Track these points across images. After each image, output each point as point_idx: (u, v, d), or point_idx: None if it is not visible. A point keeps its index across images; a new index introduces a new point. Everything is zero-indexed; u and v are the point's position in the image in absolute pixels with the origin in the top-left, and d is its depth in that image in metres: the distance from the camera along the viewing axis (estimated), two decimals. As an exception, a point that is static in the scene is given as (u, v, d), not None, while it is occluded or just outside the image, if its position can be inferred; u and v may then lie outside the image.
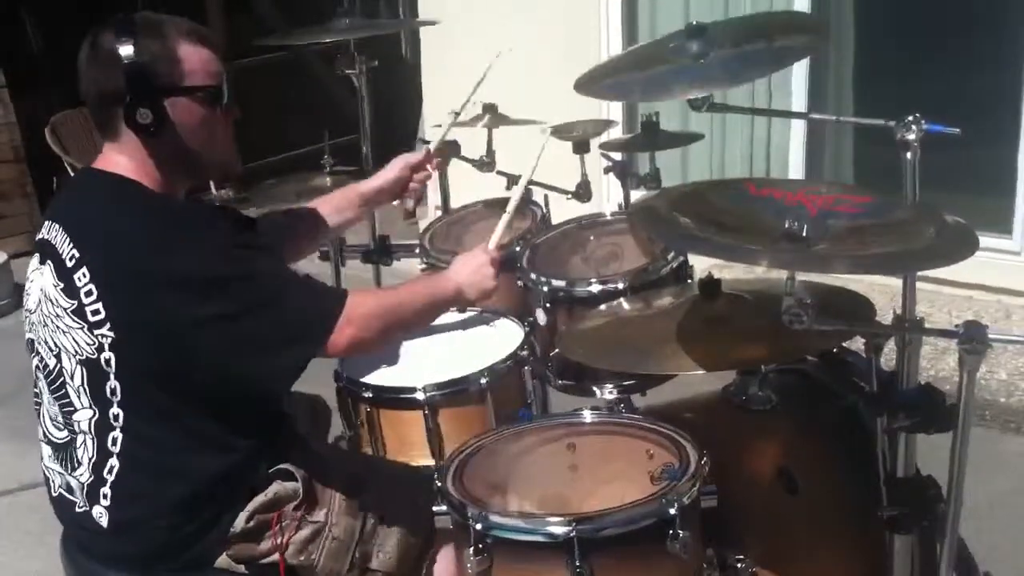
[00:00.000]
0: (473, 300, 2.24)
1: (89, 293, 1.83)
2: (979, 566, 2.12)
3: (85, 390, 1.88)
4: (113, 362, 1.84)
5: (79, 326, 1.85)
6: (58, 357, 1.90)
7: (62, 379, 1.90)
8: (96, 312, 1.83)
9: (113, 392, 1.86)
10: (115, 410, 1.87)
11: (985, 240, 1.90)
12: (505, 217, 2.38)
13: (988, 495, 3.30)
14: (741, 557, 1.91)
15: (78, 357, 1.86)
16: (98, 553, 1.97)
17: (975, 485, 1.77)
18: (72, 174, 6.21)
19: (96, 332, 1.83)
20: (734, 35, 2.19)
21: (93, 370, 1.86)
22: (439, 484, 1.86)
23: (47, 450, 2.02)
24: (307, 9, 4.22)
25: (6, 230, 6.55)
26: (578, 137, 3.06)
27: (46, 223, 1.94)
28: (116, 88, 1.86)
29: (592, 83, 2.26)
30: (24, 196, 6.81)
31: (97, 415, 1.88)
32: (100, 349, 1.84)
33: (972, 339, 1.58)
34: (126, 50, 1.85)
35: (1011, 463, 3.62)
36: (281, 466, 1.97)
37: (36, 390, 2.02)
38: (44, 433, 2.02)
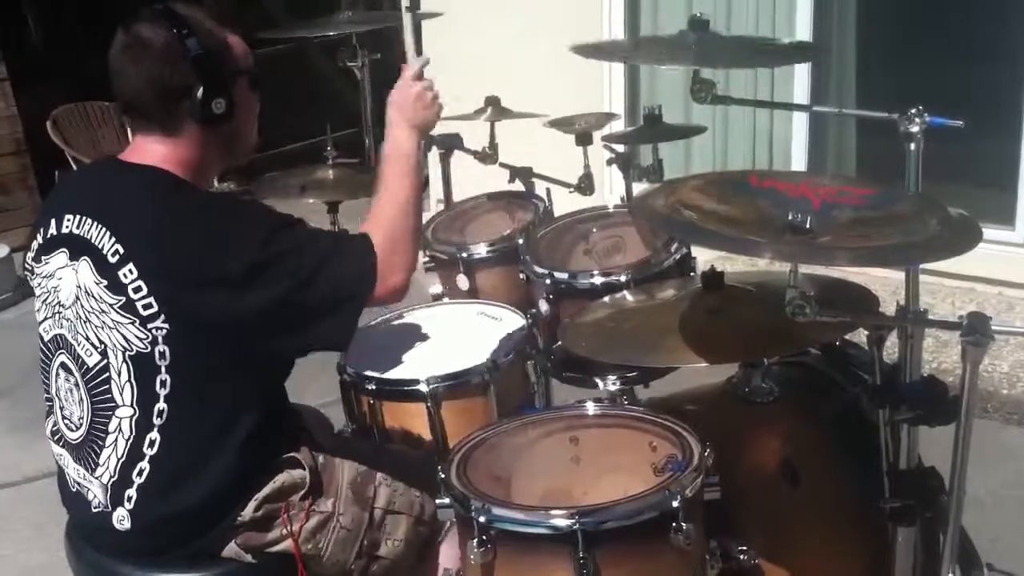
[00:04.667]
0: (428, 130, 2.10)
1: (138, 289, 1.82)
2: (981, 557, 2.13)
3: (132, 386, 1.86)
4: (168, 354, 1.82)
5: (129, 320, 1.83)
6: (103, 354, 1.87)
7: (106, 375, 1.88)
8: (148, 306, 1.81)
9: (163, 385, 1.84)
10: (160, 405, 1.85)
11: (988, 232, 1.90)
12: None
13: (990, 487, 3.30)
14: (744, 549, 1.91)
15: (128, 352, 1.84)
16: (107, 546, 1.97)
17: (977, 477, 1.78)
18: (79, 166, 6.20)
19: (150, 326, 1.82)
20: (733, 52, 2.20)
21: (143, 365, 1.84)
22: (443, 476, 1.87)
23: (58, 448, 2.02)
24: (310, 2, 4.23)
25: (8, 223, 6.54)
26: (580, 129, 3.06)
27: (69, 216, 1.91)
28: (184, 82, 1.86)
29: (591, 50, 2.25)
30: (26, 189, 6.81)
31: (138, 413, 1.86)
32: (154, 343, 1.82)
33: (975, 331, 1.58)
34: (190, 42, 1.84)
35: (1013, 455, 3.62)
36: (288, 455, 1.97)
37: (50, 389, 2.00)
38: (56, 432, 2.01)
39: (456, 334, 2.58)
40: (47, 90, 6.63)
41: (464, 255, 2.84)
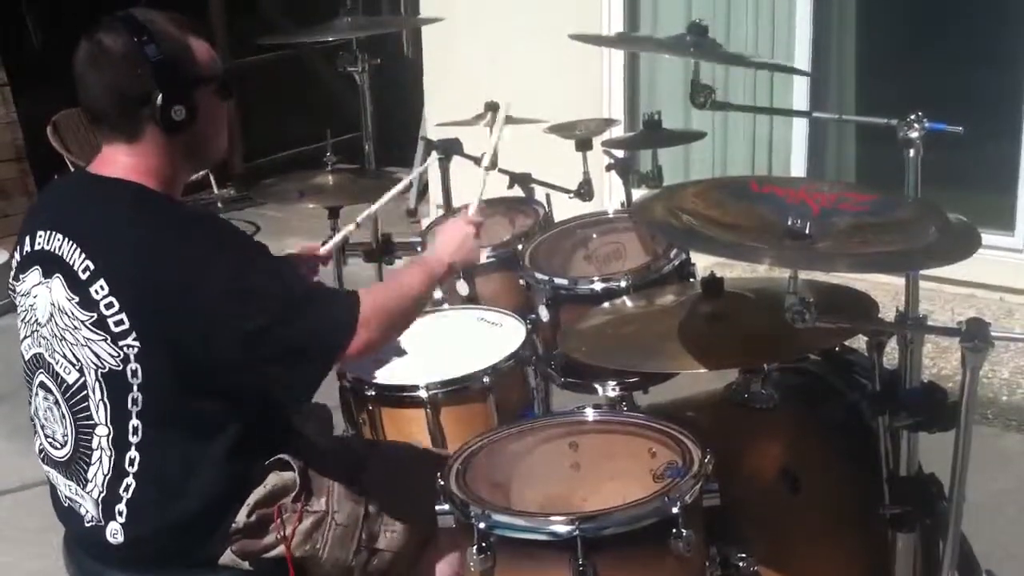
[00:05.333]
0: (460, 270, 2.28)
1: (110, 305, 1.80)
2: (981, 564, 2.12)
3: (105, 404, 1.85)
4: (140, 372, 1.81)
5: (101, 338, 1.81)
6: (81, 371, 1.86)
7: (84, 393, 1.86)
8: (120, 323, 1.80)
9: (135, 403, 1.83)
10: (134, 422, 1.84)
11: (987, 238, 1.91)
12: (481, 175, 2.42)
13: (990, 493, 3.30)
14: (744, 555, 1.90)
15: (100, 370, 1.83)
16: (104, 559, 1.96)
17: (977, 483, 1.77)
18: (52, 181, 6.20)
19: (121, 343, 1.80)
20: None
21: (115, 382, 1.83)
22: (442, 483, 1.87)
23: (46, 467, 2.00)
24: (310, 8, 4.23)
25: (8, 229, 6.53)
26: (580, 135, 3.06)
27: (41, 232, 1.89)
28: (143, 89, 1.84)
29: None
30: (26, 195, 6.80)
31: (113, 432, 1.85)
32: (126, 360, 1.81)
33: (975, 337, 1.58)
34: (149, 49, 1.82)
35: (1013, 461, 3.63)
36: (277, 456, 1.96)
37: (33, 406, 1.99)
38: (42, 451, 2.00)
39: (455, 340, 2.58)
40: (47, 95, 6.63)
41: (463, 260, 2.84)
